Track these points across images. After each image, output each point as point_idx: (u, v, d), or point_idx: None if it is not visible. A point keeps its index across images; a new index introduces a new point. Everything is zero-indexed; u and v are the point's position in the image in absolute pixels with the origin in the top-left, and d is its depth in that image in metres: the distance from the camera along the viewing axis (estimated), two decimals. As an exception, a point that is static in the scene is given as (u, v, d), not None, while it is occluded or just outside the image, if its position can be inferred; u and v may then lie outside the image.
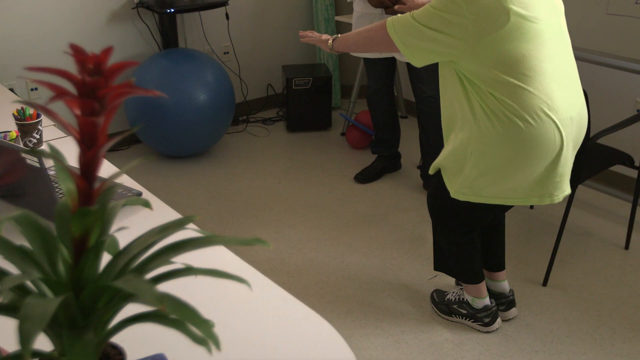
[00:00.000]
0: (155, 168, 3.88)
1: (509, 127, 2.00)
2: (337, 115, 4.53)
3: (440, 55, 2.04)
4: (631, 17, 3.17)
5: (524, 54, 1.95)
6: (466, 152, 2.11)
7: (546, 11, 2.00)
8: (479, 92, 2.02)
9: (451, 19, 1.95)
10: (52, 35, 3.70)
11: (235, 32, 4.38)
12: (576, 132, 2.11)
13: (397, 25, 2.07)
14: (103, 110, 0.77)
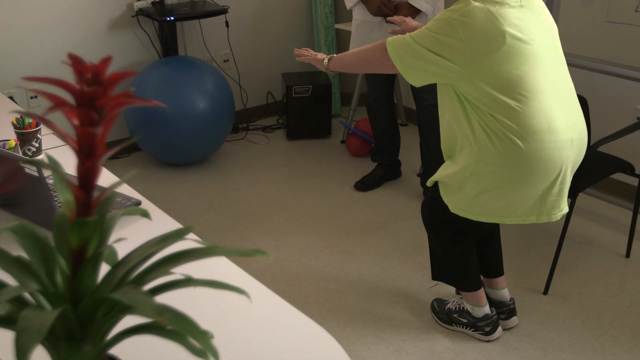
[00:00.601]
0: (155, 176, 3.88)
1: (509, 147, 2.01)
2: (337, 123, 4.53)
3: (438, 76, 2.05)
4: (631, 24, 3.17)
5: (521, 76, 1.96)
6: (466, 172, 2.12)
7: (541, 33, 2.02)
8: (478, 113, 2.03)
9: (448, 41, 1.97)
10: (52, 42, 3.70)
11: (235, 39, 4.38)
12: (576, 153, 2.13)
13: (396, 45, 2.08)
14: (102, 120, 0.77)
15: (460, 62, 1.97)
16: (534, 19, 2.03)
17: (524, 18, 1.99)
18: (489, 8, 1.95)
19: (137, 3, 3.87)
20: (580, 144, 2.12)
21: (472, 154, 2.08)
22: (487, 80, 1.97)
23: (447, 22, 1.98)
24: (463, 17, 1.95)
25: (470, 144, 2.08)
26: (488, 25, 1.94)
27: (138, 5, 3.87)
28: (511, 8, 1.98)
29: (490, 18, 1.94)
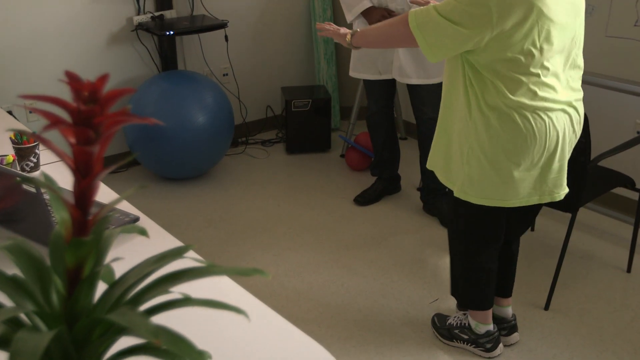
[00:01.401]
0: (154, 191, 3.87)
1: (505, 123, 2.02)
2: (336, 137, 4.53)
3: (457, 49, 2.01)
4: (630, 39, 3.17)
5: (538, 54, 1.95)
6: (463, 149, 2.12)
7: (568, 12, 1.99)
8: (480, 85, 2.02)
9: (475, 11, 1.91)
10: (51, 57, 3.70)
11: (235, 54, 4.39)
12: (573, 128, 2.12)
13: (419, 20, 2.03)
14: (98, 138, 0.76)
15: (485, 30, 1.92)
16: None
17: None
18: None
19: (137, 17, 3.88)
20: (577, 120, 2.13)
21: (469, 131, 2.08)
22: (505, 52, 1.95)
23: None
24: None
25: (465, 119, 2.09)
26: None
27: (137, 20, 3.87)
28: None
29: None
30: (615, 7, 3.17)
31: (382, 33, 2.23)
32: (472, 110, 2.05)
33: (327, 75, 4.72)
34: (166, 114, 3.66)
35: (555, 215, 3.34)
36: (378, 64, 3.46)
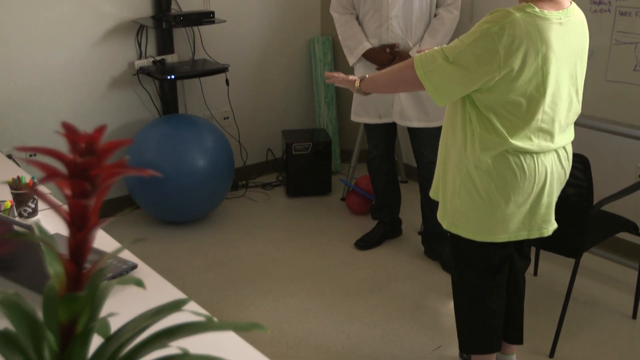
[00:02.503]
0: (153, 234, 3.84)
1: (497, 161, 2.03)
2: (337, 180, 4.51)
3: (466, 91, 2.01)
4: (630, 83, 3.18)
5: (538, 98, 1.97)
6: (455, 183, 2.13)
7: (570, 57, 2.00)
8: (479, 123, 2.03)
9: (482, 54, 1.91)
10: (53, 100, 3.71)
11: (235, 97, 4.40)
12: (561, 165, 2.14)
13: (425, 64, 2.03)
14: (95, 190, 0.74)
15: (491, 73, 1.92)
16: (569, 40, 1.99)
17: (560, 37, 1.95)
18: (530, 21, 1.90)
19: (138, 62, 3.90)
20: (565, 157, 2.15)
21: (462, 165, 2.09)
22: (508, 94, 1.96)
23: (484, 34, 1.91)
24: (504, 29, 1.88)
25: (461, 154, 2.09)
26: (526, 40, 1.89)
27: (139, 64, 3.90)
28: (551, 24, 1.93)
29: (529, 32, 1.89)
30: (615, 52, 3.19)
31: (390, 78, 2.24)
32: (467, 146, 2.07)
33: (328, 118, 4.73)
34: (166, 158, 3.66)
35: (558, 260, 3.30)
36: (378, 108, 3.46)
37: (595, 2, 3.07)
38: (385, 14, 3.31)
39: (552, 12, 1.94)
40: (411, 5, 3.28)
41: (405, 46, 3.32)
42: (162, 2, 3.88)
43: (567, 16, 1.98)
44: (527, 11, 1.91)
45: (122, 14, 3.83)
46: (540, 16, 1.91)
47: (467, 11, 3.87)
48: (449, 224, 2.21)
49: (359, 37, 3.40)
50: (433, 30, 3.29)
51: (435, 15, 3.33)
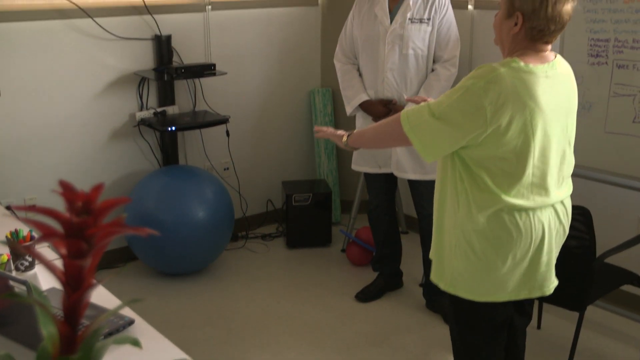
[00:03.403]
0: (151, 287, 3.79)
1: (492, 219, 1.99)
2: (337, 231, 4.49)
3: (452, 147, 2.00)
4: (630, 135, 3.19)
5: (529, 151, 1.94)
6: (451, 243, 2.09)
7: (559, 110, 2.00)
8: (470, 181, 2.00)
9: (469, 110, 1.91)
10: (53, 151, 3.72)
11: (236, 148, 4.41)
12: (559, 221, 2.10)
13: (412, 120, 2.02)
14: (91, 250, 0.72)
15: (478, 128, 1.91)
16: (556, 93, 1.99)
17: (546, 90, 1.94)
18: (516, 75, 1.90)
19: (139, 113, 3.92)
20: (564, 212, 2.10)
21: (457, 225, 2.05)
22: (497, 149, 1.94)
23: (470, 90, 1.91)
24: (489, 85, 1.88)
25: (455, 213, 2.05)
26: (513, 94, 1.88)
27: (140, 116, 3.92)
28: (537, 78, 1.92)
29: (515, 86, 1.89)
30: (613, 103, 3.21)
31: (377, 133, 2.25)
32: (460, 206, 2.04)
33: (328, 169, 4.74)
34: (166, 209, 3.65)
35: (562, 313, 3.26)
36: (377, 159, 3.47)
37: (592, 55, 3.11)
38: (381, 67, 3.35)
39: (538, 65, 1.94)
40: (407, 60, 3.31)
41: (401, 100, 3.35)
42: (164, 55, 3.92)
43: (553, 69, 1.98)
44: (512, 66, 1.91)
45: (124, 66, 3.87)
46: (526, 70, 1.91)
47: (465, 67, 3.91)
48: (446, 284, 2.16)
49: (357, 88, 3.43)
50: (428, 86, 3.31)
51: (433, 70, 3.35)
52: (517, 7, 1.93)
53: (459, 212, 2.04)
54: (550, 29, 1.93)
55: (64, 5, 3.58)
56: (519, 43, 1.97)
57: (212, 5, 4.14)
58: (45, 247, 2.15)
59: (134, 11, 3.84)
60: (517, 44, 1.98)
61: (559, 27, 1.95)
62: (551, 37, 1.97)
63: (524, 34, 1.95)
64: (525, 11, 1.92)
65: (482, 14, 3.89)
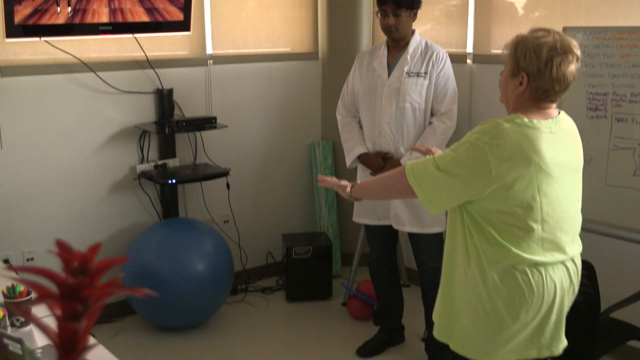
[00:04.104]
0: (149, 341, 3.73)
1: (503, 277, 1.96)
2: (338, 285, 4.44)
3: (457, 200, 2.00)
4: (631, 188, 3.18)
5: (536, 206, 1.94)
6: (461, 301, 2.06)
7: (565, 165, 2.00)
8: (479, 237, 1.98)
9: (474, 164, 1.92)
10: (53, 203, 3.71)
11: (236, 201, 4.41)
12: (570, 280, 2.07)
13: (417, 172, 2.03)
14: (86, 311, 0.71)
15: (484, 183, 1.92)
16: (561, 149, 2.00)
17: (552, 146, 1.95)
18: (520, 131, 1.91)
19: (140, 166, 3.93)
20: (575, 271, 2.08)
21: (468, 283, 2.02)
22: (503, 205, 1.94)
23: (474, 145, 1.92)
24: (494, 140, 1.90)
25: (466, 269, 2.03)
26: (517, 150, 1.90)
27: (140, 169, 3.92)
28: (542, 133, 1.94)
29: (520, 142, 1.90)
30: (613, 157, 3.21)
31: (381, 185, 2.25)
32: (471, 261, 2.01)
33: (328, 222, 4.72)
34: (165, 262, 3.62)
35: (567, 368, 3.20)
36: (376, 211, 3.47)
37: (591, 109, 3.13)
38: (378, 119, 3.37)
39: (542, 121, 1.96)
40: (404, 113, 3.33)
41: (397, 152, 3.36)
42: (166, 108, 3.95)
43: (557, 125, 2.00)
44: (516, 122, 1.93)
45: (125, 119, 3.90)
46: (530, 126, 1.93)
47: (465, 120, 3.94)
48: (455, 344, 2.12)
49: (356, 140, 3.46)
50: (425, 139, 3.33)
51: (430, 123, 3.38)
52: (522, 67, 1.96)
53: (470, 269, 2.02)
54: (555, 89, 1.96)
55: (68, 59, 3.62)
56: (524, 102, 1.99)
57: (214, 59, 4.19)
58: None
59: (137, 65, 3.88)
60: (522, 102, 2.00)
61: (564, 87, 1.98)
62: (556, 96, 2.00)
63: (529, 93, 1.97)
64: (530, 71, 1.94)
65: (481, 68, 3.93)
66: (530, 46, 1.94)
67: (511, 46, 2.01)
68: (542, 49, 1.92)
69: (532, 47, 1.94)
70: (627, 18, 3.29)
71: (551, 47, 1.92)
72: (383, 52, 3.41)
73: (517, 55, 1.97)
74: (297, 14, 4.56)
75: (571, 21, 3.48)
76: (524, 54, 1.95)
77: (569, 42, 1.96)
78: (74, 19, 3.43)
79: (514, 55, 1.98)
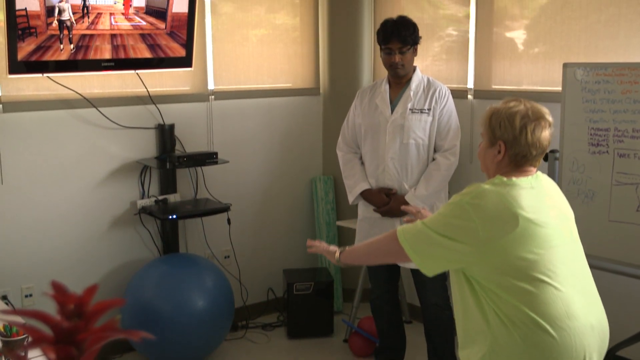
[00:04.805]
0: (148, 379, 3.68)
1: (526, 335, 1.90)
2: (339, 321, 4.40)
3: (451, 262, 2.00)
4: (634, 224, 3.16)
5: (536, 259, 1.91)
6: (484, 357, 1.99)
7: (554, 216, 2.00)
8: (493, 298, 1.94)
9: (460, 224, 1.94)
10: (52, 239, 3.69)
11: (237, 236, 4.38)
12: (598, 341, 2.00)
13: (407, 234, 2.05)
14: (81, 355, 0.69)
15: (473, 244, 1.92)
16: (546, 202, 2.02)
17: (536, 200, 1.98)
18: (500, 190, 1.96)
19: (141, 202, 3.92)
20: (601, 330, 2.02)
21: (487, 344, 1.96)
22: (502, 263, 1.92)
23: (458, 205, 1.97)
24: (474, 200, 1.95)
25: (484, 334, 1.97)
26: (500, 207, 1.93)
27: (141, 204, 3.91)
28: (522, 189, 1.98)
29: (501, 200, 1.94)
30: (616, 192, 3.20)
31: (371, 250, 2.26)
32: (490, 323, 1.94)
33: (330, 257, 4.68)
34: (165, 298, 3.59)
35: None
36: (380, 247, 3.43)
37: (593, 144, 3.12)
38: (382, 156, 3.37)
39: (522, 178, 2.02)
40: (408, 149, 3.33)
41: (401, 188, 3.35)
42: (167, 143, 3.96)
43: (537, 181, 2.06)
44: (495, 182, 2.01)
45: (127, 154, 3.90)
46: (509, 184, 1.99)
47: (466, 155, 3.94)
48: None
49: (358, 177, 3.45)
50: (429, 175, 3.33)
51: (433, 159, 3.37)
52: (499, 136, 2.04)
53: (489, 337, 1.95)
54: (532, 154, 2.04)
55: (70, 95, 3.63)
56: (504, 168, 2.06)
57: (216, 95, 4.21)
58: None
59: (139, 101, 3.90)
60: (501, 169, 2.07)
61: (540, 152, 2.06)
62: (535, 161, 2.06)
63: (508, 160, 2.05)
64: (506, 139, 2.03)
65: (482, 104, 3.95)
66: (504, 115, 2.03)
67: (486, 118, 2.09)
68: (515, 117, 2.02)
69: (505, 116, 2.03)
70: (626, 54, 3.31)
71: (523, 115, 2.02)
72: (385, 88, 3.42)
73: (492, 126, 2.06)
74: (299, 50, 4.59)
75: (571, 57, 3.50)
76: (498, 123, 2.04)
77: (540, 109, 2.05)
78: (76, 55, 3.45)
79: (489, 126, 2.07)
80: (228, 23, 4.24)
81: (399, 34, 3.27)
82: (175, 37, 3.77)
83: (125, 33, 3.59)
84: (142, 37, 3.65)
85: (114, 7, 3.51)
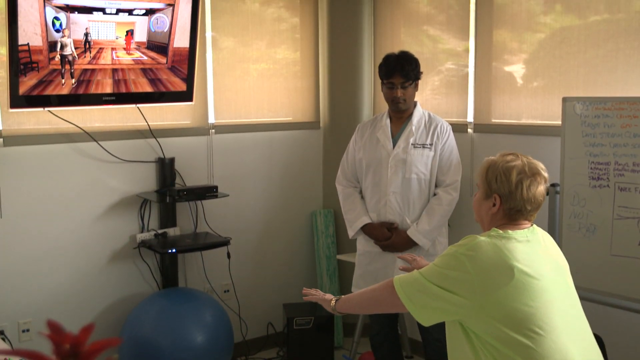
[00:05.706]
0: (146, 416, 3.62)
1: None
2: (339, 356, 4.35)
3: (447, 313, 1.98)
4: (636, 258, 3.14)
5: (531, 312, 1.90)
6: None
7: (549, 269, 2.00)
8: (491, 351, 1.92)
9: (456, 276, 1.93)
10: (51, 273, 3.67)
11: (236, 270, 4.36)
12: None
13: (404, 283, 2.04)
14: (77, 397, 0.67)
15: (469, 296, 1.91)
16: (542, 255, 2.01)
17: (531, 253, 1.98)
18: (496, 242, 1.96)
19: (140, 235, 3.90)
20: None
21: None
22: (497, 316, 1.90)
23: (454, 256, 1.96)
24: (470, 252, 1.94)
25: None
26: (495, 259, 1.92)
27: (140, 238, 3.90)
28: (518, 242, 1.98)
29: (497, 252, 1.93)
30: (617, 226, 3.19)
31: (366, 298, 2.24)
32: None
33: (330, 291, 4.64)
34: (163, 333, 3.55)
35: None
36: (379, 281, 3.41)
37: (594, 178, 3.12)
38: (383, 190, 3.37)
39: (517, 231, 2.02)
40: (410, 184, 3.33)
41: (403, 223, 3.34)
42: (167, 177, 3.96)
43: (533, 234, 2.06)
44: (491, 235, 2.01)
45: (126, 188, 3.90)
46: (505, 236, 1.99)
47: (467, 189, 3.93)
48: None
49: (359, 211, 3.44)
50: (430, 210, 3.33)
51: (435, 194, 3.37)
52: (494, 190, 2.05)
53: None
54: (527, 209, 2.04)
55: (71, 129, 3.64)
56: (499, 221, 2.07)
57: (216, 129, 4.23)
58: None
59: (139, 135, 3.90)
60: (496, 222, 2.07)
61: (535, 207, 2.06)
62: (529, 215, 2.07)
63: (503, 213, 2.06)
64: (502, 193, 2.04)
65: (482, 138, 3.95)
66: (500, 169, 2.04)
67: (482, 170, 2.11)
68: (511, 172, 2.02)
69: (501, 170, 2.04)
70: (625, 88, 3.32)
71: (520, 170, 2.03)
72: (386, 122, 3.43)
73: (488, 178, 2.07)
74: (299, 84, 4.62)
75: (570, 91, 3.51)
76: (494, 177, 2.05)
77: (537, 165, 2.06)
78: (78, 89, 3.47)
79: (485, 178, 2.08)
80: (229, 57, 4.27)
81: (402, 68, 3.29)
82: (177, 71, 3.80)
83: (127, 67, 3.61)
84: (143, 71, 3.67)
85: (115, 42, 3.53)
